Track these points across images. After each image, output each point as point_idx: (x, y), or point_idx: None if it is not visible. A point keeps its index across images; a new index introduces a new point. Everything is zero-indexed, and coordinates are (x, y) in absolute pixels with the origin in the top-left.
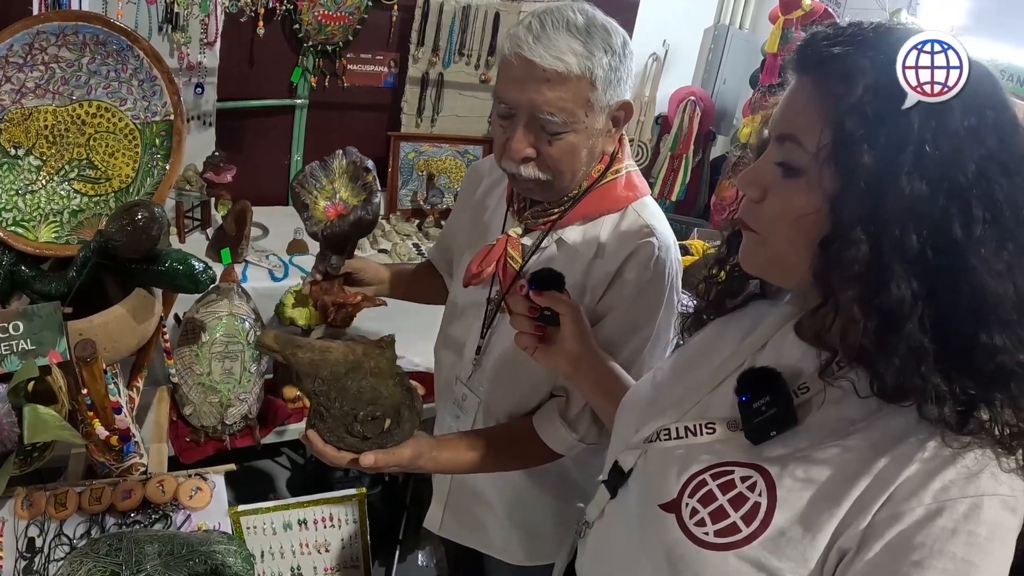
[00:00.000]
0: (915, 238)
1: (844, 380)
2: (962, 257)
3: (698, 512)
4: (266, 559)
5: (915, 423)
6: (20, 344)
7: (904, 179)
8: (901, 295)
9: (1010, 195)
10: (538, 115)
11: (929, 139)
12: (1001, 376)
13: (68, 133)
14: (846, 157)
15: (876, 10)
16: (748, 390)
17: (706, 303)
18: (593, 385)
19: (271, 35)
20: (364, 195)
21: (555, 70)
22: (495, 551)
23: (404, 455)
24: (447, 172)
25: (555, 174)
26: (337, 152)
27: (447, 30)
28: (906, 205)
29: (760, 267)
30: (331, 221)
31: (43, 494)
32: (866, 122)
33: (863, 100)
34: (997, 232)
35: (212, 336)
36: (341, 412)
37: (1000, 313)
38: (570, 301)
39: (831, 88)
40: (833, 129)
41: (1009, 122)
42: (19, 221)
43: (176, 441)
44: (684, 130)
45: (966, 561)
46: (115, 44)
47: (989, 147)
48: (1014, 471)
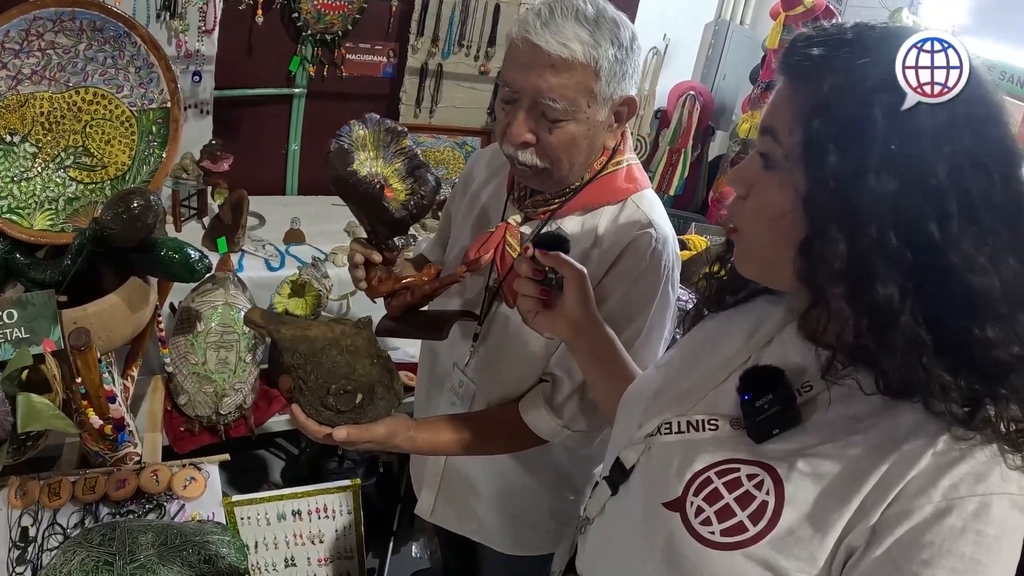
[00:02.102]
0: (893, 236)
1: (849, 379)
2: (942, 254)
3: (704, 511)
4: (260, 549)
5: (923, 420)
6: (14, 332)
7: (872, 178)
8: (889, 292)
9: (987, 191)
10: (540, 100)
11: (895, 138)
12: (1000, 370)
13: (64, 120)
14: (814, 156)
15: (878, 8)
16: (750, 389)
17: (707, 299)
18: (591, 356)
19: (270, 23)
20: (402, 161)
21: (560, 56)
22: (486, 540)
23: (378, 432)
24: (445, 163)
25: (553, 162)
26: (347, 129)
27: (447, 21)
28: (878, 204)
29: (752, 269)
30: (408, 199)
31: (37, 483)
32: (832, 121)
33: (829, 100)
34: (976, 229)
35: (207, 325)
36: (316, 384)
37: (989, 307)
38: (575, 264)
39: (803, 88)
40: (803, 128)
41: (985, 116)
42: (14, 208)
43: (171, 431)
44: (683, 125)
45: (974, 560)
46: (112, 31)
47: (963, 143)
48: (1020, 468)
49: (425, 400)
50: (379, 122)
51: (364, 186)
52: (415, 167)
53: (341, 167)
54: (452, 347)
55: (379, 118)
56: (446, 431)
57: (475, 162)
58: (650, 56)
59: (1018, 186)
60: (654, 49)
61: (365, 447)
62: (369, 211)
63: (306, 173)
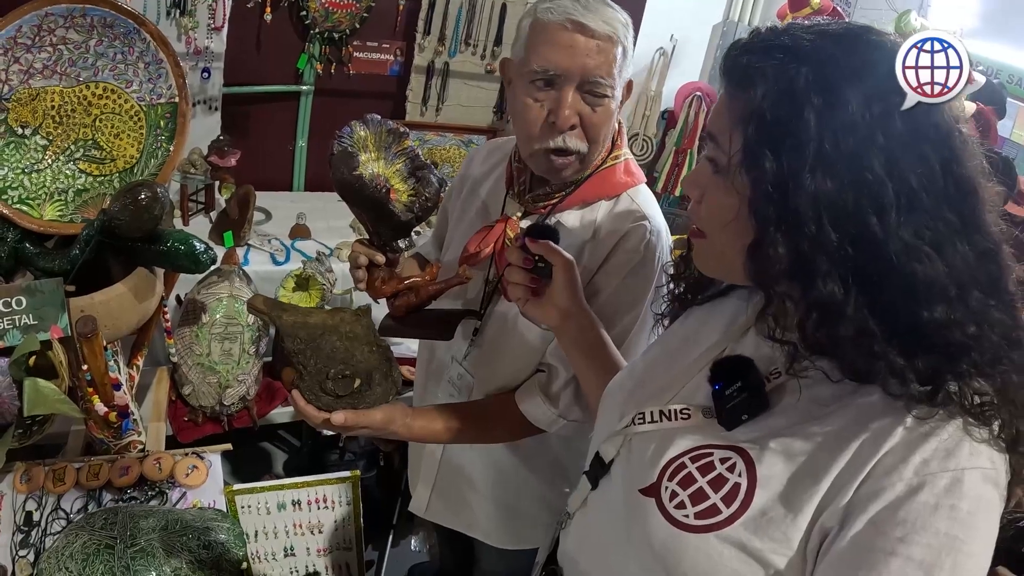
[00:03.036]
0: (832, 233)
1: (813, 368)
2: (882, 246)
3: (677, 495)
4: (260, 538)
5: (891, 400)
6: (22, 319)
7: (807, 178)
8: (831, 288)
9: (926, 177)
10: (589, 79)
11: (828, 136)
12: (958, 349)
13: (74, 114)
14: (752, 161)
15: (886, 10)
16: (721, 378)
17: (680, 294)
18: (578, 345)
19: (278, 21)
20: (403, 162)
21: (606, 34)
22: (481, 535)
23: (375, 417)
24: (451, 161)
25: (592, 143)
26: (348, 130)
27: (453, 19)
28: (815, 202)
29: (711, 268)
30: (412, 201)
31: (42, 469)
32: (765, 126)
33: (762, 106)
34: (915, 216)
35: (212, 317)
36: (315, 369)
37: (936, 292)
38: (563, 253)
39: (739, 95)
40: (741, 135)
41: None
42: (25, 199)
43: (175, 420)
44: (690, 125)
45: (950, 536)
46: (122, 27)
47: (897, 133)
48: (987, 441)
49: (423, 392)
50: (380, 123)
51: (370, 189)
52: (417, 168)
53: (346, 170)
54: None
55: (380, 119)
56: (443, 419)
57: (471, 160)
58: (657, 56)
59: (960, 168)
60: (661, 50)
61: (362, 433)
62: (373, 213)
63: (312, 169)
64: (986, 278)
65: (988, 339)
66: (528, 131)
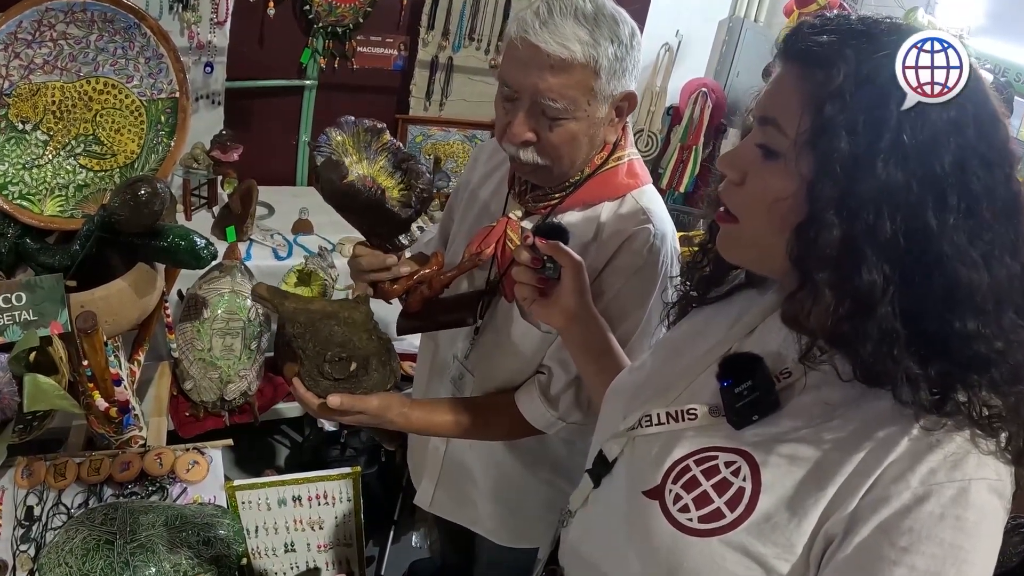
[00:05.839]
0: (888, 224)
1: (826, 365)
2: (935, 244)
3: (682, 498)
4: (260, 534)
5: (898, 407)
6: (23, 314)
7: (880, 165)
8: (872, 279)
9: (987, 187)
10: (540, 100)
11: (908, 128)
12: (979, 362)
13: (75, 109)
14: (824, 142)
15: (894, 7)
16: (730, 375)
17: (690, 291)
18: (584, 347)
19: (281, 16)
20: (386, 157)
21: (559, 56)
22: (484, 531)
23: (371, 403)
24: (454, 156)
25: (554, 160)
26: (325, 138)
27: (457, 14)
28: (880, 191)
29: (738, 255)
30: (407, 195)
31: (43, 464)
32: (845, 108)
33: (843, 87)
34: (972, 222)
35: (214, 312)
36: (314, 352)
37: (974, 301)
38: (573, 254)
39: (814, 75)
40: (813, 114)
41: (989, 116)
42: (25, 194)
43: (176, 415)
44: (695, 121)
45: (954, 546)
46: (123, 22)
47: (968, 139)
48: (993, 453)
49: (425, 390)
50: (355, 123)
51: (365, 194)
52: (401, 160)
53: (337, 180)
54: (452, 339)
55: (354, 119)
56: (441, 412)
57: (476, 157)
58: (662, 52)
59: (1017, 187)
60: (666, 45)
61: (361, 421)
62: (371, 216)
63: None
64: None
65: (1013, 357)
66: (497, 132)
